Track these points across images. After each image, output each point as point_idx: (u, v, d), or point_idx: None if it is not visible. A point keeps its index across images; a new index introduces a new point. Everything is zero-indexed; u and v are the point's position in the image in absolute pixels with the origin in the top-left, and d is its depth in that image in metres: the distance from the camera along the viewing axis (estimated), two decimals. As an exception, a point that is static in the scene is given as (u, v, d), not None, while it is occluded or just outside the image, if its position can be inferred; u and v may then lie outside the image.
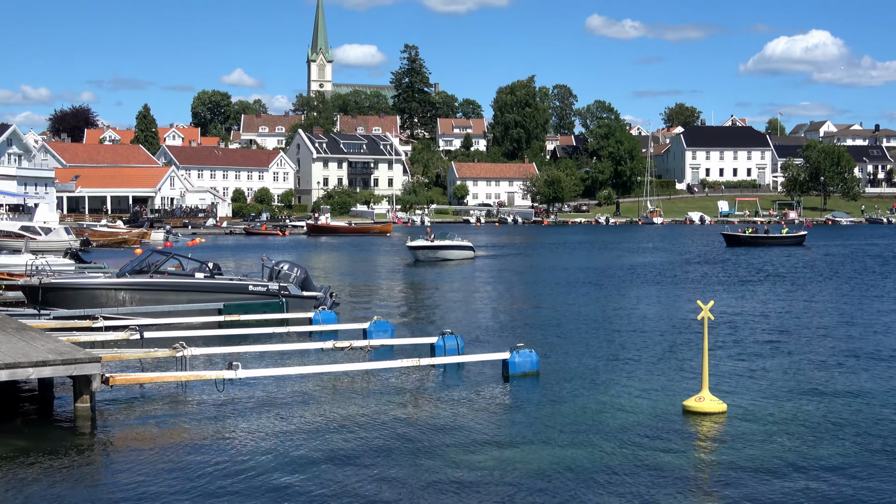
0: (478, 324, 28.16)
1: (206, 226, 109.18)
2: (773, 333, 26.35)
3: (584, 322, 28.74)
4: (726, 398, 17.10)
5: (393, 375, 19.57)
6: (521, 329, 27.02)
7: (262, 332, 24.38)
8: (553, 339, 25.03)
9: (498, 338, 24.98)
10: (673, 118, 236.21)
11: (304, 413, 16.42)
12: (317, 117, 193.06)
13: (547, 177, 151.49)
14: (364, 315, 28.62)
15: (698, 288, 40.48)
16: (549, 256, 63.61)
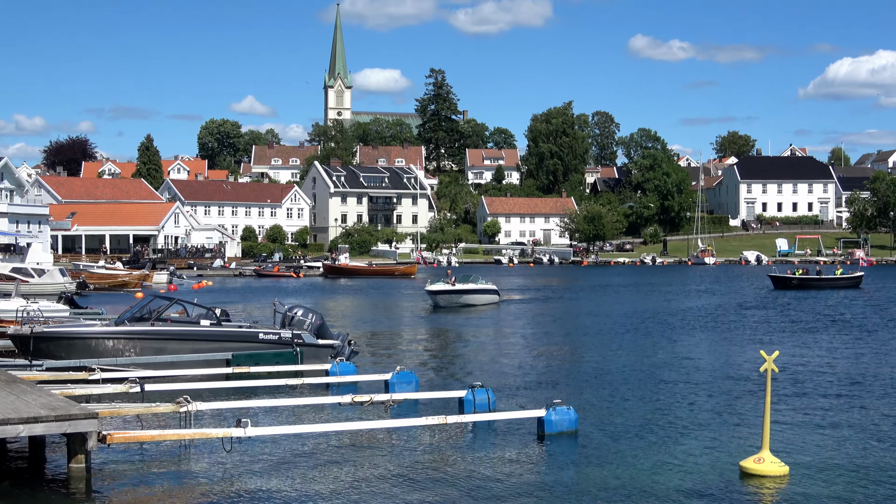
0: (510, 376, 28.01)
1: (213, 267, 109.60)
2: (840, 386, 26.01)
3: (627, 374, 28.50)
4: (788, 459, 16.86)
5: (418, 434, 19.46)
6: (558, 383, 26.83)
7: (273, 385, 24.35)
8: (593, 393, 24.83)
9: (532, 393, 24.82)
10: (726, 148, 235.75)
11: (319, 475, 16.34)
12: (334, 148, 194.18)
13: (586, 212, 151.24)
14: (386, 365, 28.54)
15: (755, 335, 40.11)
16: (590, 300, 63.33)
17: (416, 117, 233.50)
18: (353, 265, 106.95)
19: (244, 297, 67.31)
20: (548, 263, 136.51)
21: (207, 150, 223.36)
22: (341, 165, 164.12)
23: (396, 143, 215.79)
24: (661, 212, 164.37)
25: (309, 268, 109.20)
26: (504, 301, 59.92)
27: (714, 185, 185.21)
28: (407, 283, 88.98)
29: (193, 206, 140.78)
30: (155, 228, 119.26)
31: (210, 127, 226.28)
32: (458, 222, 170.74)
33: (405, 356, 33.30)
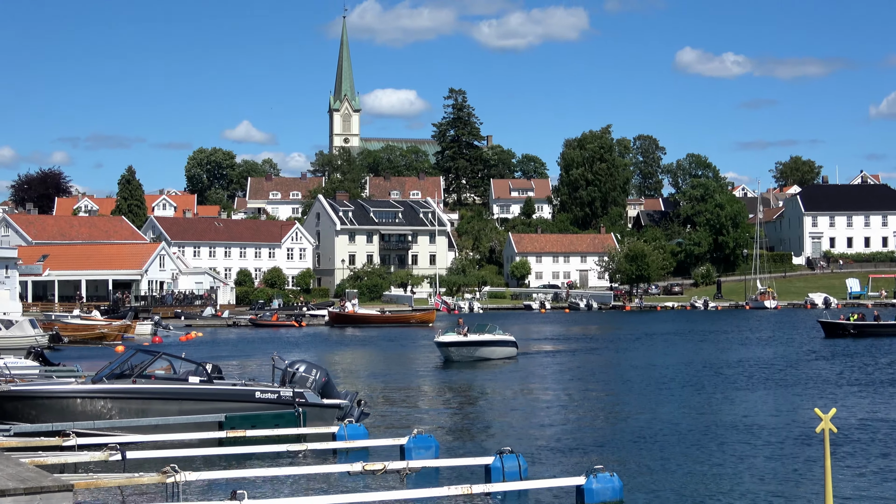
0: (543, 439, 27.92)
1: (203, 316, 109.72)
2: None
3: (677, 435, 28.38)
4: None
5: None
6: (599, 446, 26.73)
7: (273, 451, 24.34)
8: (639, 457, 24.72)
9: (569, 458, 24.72)
10: (787, 175, 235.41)
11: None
12: (341, 180, 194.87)
13: (628, 250, 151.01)
14: (401, 428, 28.50)
15: (807, 391, 39.95)
16: (633, 351, 63.13)
17: (433, 144, 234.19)
18: (363, 313, 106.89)
19: (239, 350, 67.39)
20: (585, 309, 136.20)
21: (197, 183, 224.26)
22: (349, 199, 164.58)
23: (411, 173, 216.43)
24: (713, 249, 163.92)
25: (312, 316, 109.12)
26: (523, 353, 59.34)
27: (774, 219, 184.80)
28: (424, 332, 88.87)
29: (181, 246, 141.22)
30: (137, 272, 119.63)
31: (199, 157, 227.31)
32: (482, 263, 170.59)
33: (423, 417, 33.24)
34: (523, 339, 75.66)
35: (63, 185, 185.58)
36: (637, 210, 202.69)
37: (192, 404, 27.24)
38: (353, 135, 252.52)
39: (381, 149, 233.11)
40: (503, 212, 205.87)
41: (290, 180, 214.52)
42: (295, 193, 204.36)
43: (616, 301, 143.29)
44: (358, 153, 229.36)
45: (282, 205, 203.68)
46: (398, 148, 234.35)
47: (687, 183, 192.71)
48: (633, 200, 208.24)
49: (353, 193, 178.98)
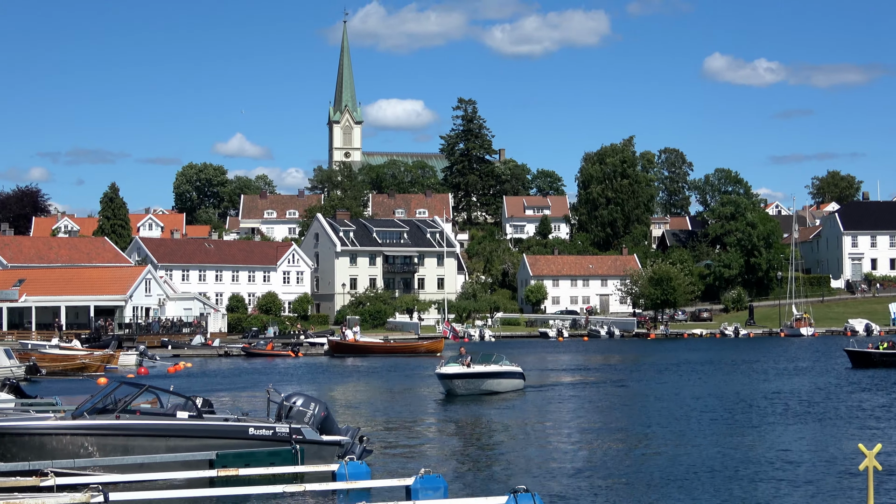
0: (561, 477, 27.83)
1: (192, 345, 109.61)
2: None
3: (708, 473, 28.28)
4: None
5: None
6: (624, 485, 26.64)
7: (268, 492, 24.27)
8: (667, 497, 24.61)
9: (591, 498, 24.63)
10: (825, 191, 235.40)
11: None
12: (341, 197, 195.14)
13: (653, 273, 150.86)
14: (407, 467, 28.43)
15: (857, 424, 39.85)
16: (659, 382, 62.95)
17: (441, 158, 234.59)
18: (365, 341, 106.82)
19: (231, 382, 67.33)
20: (606, 336, 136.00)
21: (185, 201, 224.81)
22: (350, 218, 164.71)
23: (418, 189, 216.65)
24: (745, 271, 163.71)
25: (311, 345, 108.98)
26: (535, 386, 59.09)
27: (811, 238, 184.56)
28: (432, 362, 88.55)
29: (168, 270, 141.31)
30: (121, 298, 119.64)
31: (188, 173, 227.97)
32: (493, 287, 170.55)
33: (430, 455, 33.17)
34: (539, 370, 75.62)
35: (41, 203, 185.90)
36: (662, 229, 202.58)
37: (180, 441, 27.19)
38: (354, 148, 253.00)
39: (384, 163, 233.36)
40: (517, 232, 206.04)
41: (287, 198, 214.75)
42: (292, 212, 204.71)
43: (639, 328, 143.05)
44: (360, 168, 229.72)
45: (277, 224, 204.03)
46: (403, 162, 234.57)
47: (716, 200, 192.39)
48: (657, 219, 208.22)
49: (355, 212, 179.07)
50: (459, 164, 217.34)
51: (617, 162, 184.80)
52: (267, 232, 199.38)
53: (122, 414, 27.44)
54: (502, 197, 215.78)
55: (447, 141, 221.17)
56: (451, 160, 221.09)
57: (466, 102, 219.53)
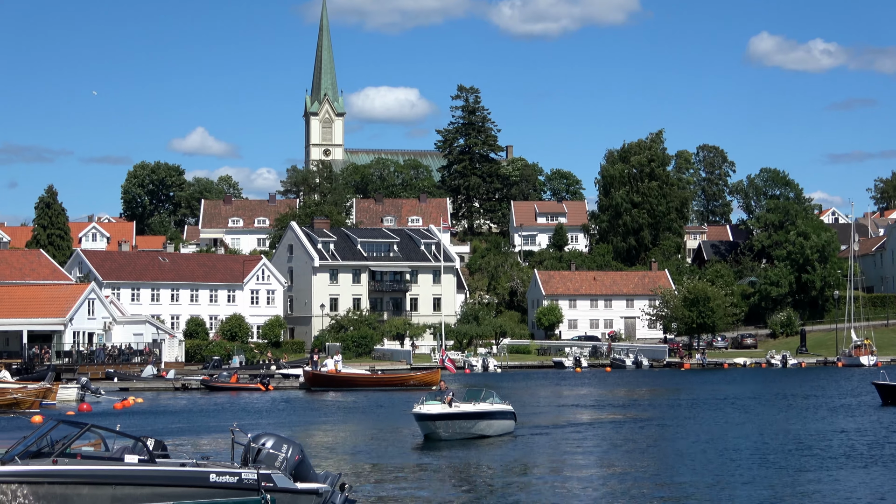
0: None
1: (142, 377, 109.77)
2: None
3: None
4: None
5: None
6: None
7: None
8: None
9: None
10: (889, 196, 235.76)
11: None
12: (320, 202, 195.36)
13: (687, 292, 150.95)
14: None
15: None
16: (695, 420, 63.09)
17: (438, 157, 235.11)
18: (348, 373, 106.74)
19: (189, 420, 67.44)
20: (632, 367, 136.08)
21: (136, 207, 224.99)
22: (330, 227, 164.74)
23: (410, 193, 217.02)
24: (796, 290, 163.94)
25: (284, 377, 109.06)
26: (521, 428, 58.60)
27: (873, 251, 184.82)
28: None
29: (116, 288, 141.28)
30: (59, 322, 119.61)
31: (139, 174, 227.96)
32: (500, 308, 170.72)
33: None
34: (553, 406, 75.76)
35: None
36: (698, 240, 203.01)
37: (128, 490, 27.24)
38: (335, 145, 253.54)
39: (371, 163, 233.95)
40: (527, 243, 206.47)
41: (256, 203, 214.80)
42: (261, 220, 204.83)
43: (671, 357, 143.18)
44: (342, 168, 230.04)
45: (244, 234, 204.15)
46: (393, 161, 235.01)
47: (762, 206, 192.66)
48: (693, 228, 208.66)
49: (336, 220, 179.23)
50: (459, 163, 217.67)
51: (644, 160, 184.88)
52: (232, 243, 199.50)
53: (60, 458, 27.46)
54: (510, 202, 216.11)
55: (445, 136, 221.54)
56: (449, 159, 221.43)
57: (468, 91, 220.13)
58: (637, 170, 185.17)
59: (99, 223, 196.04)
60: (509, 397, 61.69)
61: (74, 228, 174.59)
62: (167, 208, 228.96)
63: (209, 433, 56.77)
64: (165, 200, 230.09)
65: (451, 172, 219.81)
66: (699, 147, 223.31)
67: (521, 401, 78.89)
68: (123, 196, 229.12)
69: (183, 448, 44.42)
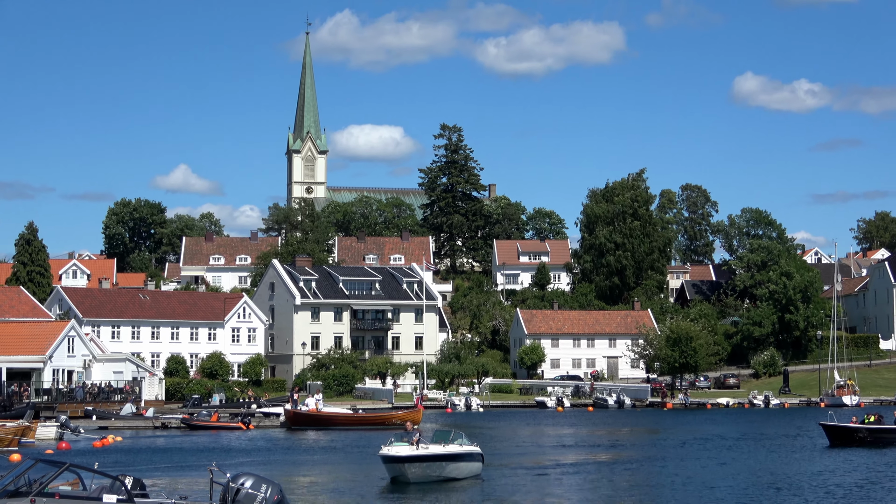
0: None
1: (121, 415, 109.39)
2: None
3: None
4: None
5: None
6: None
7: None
8: None
9: None
10: (873, 236, 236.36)
11: None
12: (302, 240, 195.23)
13: (670, 332, 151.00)
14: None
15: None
16: (679, 461, 63.12)
17: (420, 195, 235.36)
18: (329, 412, 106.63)
19: (168, 459, 67.23)
20: (615, 406, 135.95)
21: (117, 244, 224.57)
22: (312, 266, 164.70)
23: (393, 232, 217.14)
24: (779, 330, 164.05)
25: (264, 415, 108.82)
26: (501, 469, 58.21)
27: (856, 291, 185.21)
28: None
29: (96, 325, 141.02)
30: (39, 359, 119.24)
31: (121, 211, 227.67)
32: (482, 347, 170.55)
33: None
34: (535, 446, 75.73)
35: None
36: (681, 280, 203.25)
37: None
38: (317, 183, 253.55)
39: (353, 200, 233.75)
40: (509, 282, 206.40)
41: (237, 241, 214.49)
42: (243, 258, 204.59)
43: (654, 397, 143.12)
44: (324, 206, 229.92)
45: (226, 272, 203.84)
46: (376, 199, 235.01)
47: (745, 246, 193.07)
48: (675, 268, 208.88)
49: (318, 258, 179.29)
50: (442, 201, 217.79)
51: (627, 200, 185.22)
52: (213, 281, 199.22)
53: (38, 497, 27.40)
54: (492, 241, 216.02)
55: (427, 174, 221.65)
56: (431, 197, 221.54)
57: (451, 129, 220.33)
58: (620, 209, 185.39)
59: (79, 260, 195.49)
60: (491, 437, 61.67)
61: (55, 265, 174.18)
62: (148, 245, 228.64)
63: (188, 472, 56.61)
64: (146, 238, 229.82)
65: (433, 211, 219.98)
66: (682, 186, 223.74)
67: (503, 441, 78.90)
68: (104, 233, 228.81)
69: (161, 487, 44.34)
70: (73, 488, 30.14)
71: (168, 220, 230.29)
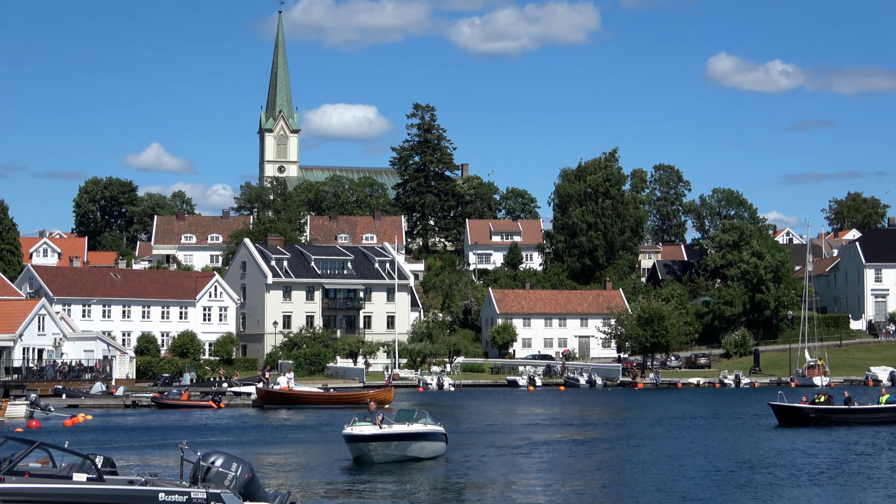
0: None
1: (91, 394, 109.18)
2: None
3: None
4: None
5: None
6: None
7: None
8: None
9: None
10: (845, 216, 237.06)
11: None
12: (273, 219, 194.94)
13: (642, 311, 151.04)
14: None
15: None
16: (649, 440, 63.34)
17: (393, 174, 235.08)
18: (301, 390, 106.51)
19: (138, 438, 67.20)
20: (586, 385, 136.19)
21: (88, 223, 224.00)
22: (283, 245, 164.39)
23: (365, 211, 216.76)
24: (750, 310, 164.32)
25: (235, 394, 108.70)
26: (470, 448, 58.19)
27: (827, 272, 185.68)
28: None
29: (66, 304, 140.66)
30: (9, 338, 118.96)
31: (92, 189, 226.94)
32: (454, 326, 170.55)
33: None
34: (506, 425, 75.92)
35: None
36: (653, 260, 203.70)
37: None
38: (290, 162, 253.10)
39: (325, 180, 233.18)
40: (482, 261, 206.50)
41: (209, 220, 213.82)
42: (214, 236, 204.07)
43: (625, 376, 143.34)
44: (296, 185, 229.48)
45: (197, 251, 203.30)
46: (348, 179, 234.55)
47: (716, 226, 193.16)
48: (647, 248, 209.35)
49: (290, 237, 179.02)
50: (414, 181, 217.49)
51: (600, 180, 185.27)
52: (184, 260, 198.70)
53: (7, 476, 27.37)
54: (465, 220, 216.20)
55: (400, 154, 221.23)
56: (404, 177, 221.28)
57: (424, 109, 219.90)
58: (592, 189, 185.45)
59: (50, 238, 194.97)
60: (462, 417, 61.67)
61: (25, 244, 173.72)
62: (119, 224, 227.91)
63: (159, 451, 56.59)
64: (118, 216, 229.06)
65: (405, 190, 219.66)
66: (655, 166, 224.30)
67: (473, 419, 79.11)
68: (75, 211, 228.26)
69: (132, 466, 44.32)
70: (44, 466, 30.12)
71: (139, 199, 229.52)
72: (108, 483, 28.10)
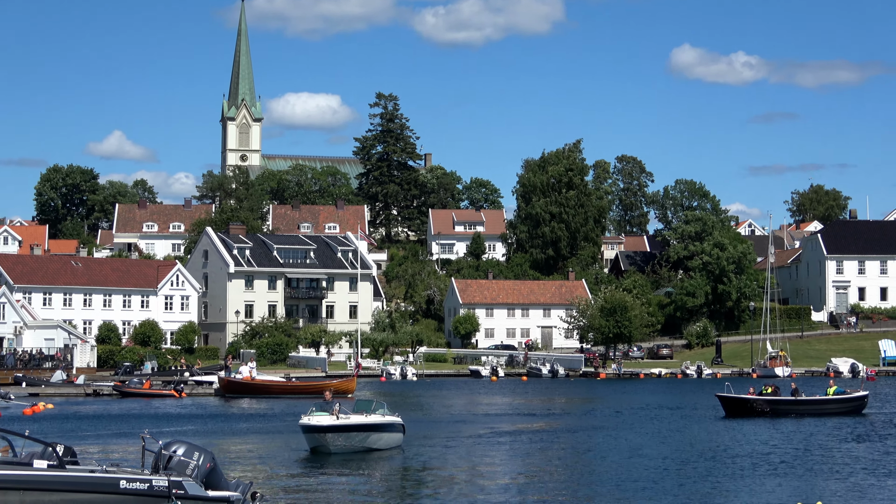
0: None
1: (52, 382, 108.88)
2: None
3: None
4: None
5: None
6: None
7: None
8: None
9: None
10: (807, 208, 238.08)
11: None
12: (236, 208, 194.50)
13: (604, 302, 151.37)
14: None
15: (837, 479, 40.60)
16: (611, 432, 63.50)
17: (356, 164, 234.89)
18: (262, 380, 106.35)
19: (99, 427, 66.96)
20: (548, 376, 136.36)
21: (49, 211, 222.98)
22: (246, 234, 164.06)
23: (327, 200, 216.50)
24: (712, 301, 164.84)
25: (197, 383, 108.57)
26: (420, 438, 58.19)
27: (789, 263, 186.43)
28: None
29: (27, 292, 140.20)
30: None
31: (53, 177, 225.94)
32: (416, 316, 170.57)
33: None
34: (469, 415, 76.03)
35: None
36: (615, 251, 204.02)
37: (37, 496, 27.08)
38: (252, 150, 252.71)
39: (288, 169, 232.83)
40: (445, 251, 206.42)
41: (171, 208, 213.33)
42: (176, 225, 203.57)
43: (587, 367, 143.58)
44: (258, 174, 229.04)
45: (159, 240, 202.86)
46: (310, 168, 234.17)
47: (679, 217, 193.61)
48: (610, 238, 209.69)
49: (252, 226, 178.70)
50: (377, 170, 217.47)
51: (562, 170, 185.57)
52: (146, 248, 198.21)
53: (-34, 464, 27.25)
54: (428, 210, 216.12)
55: (363, 143, 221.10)
56: (367, 166, 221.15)
57: (387, 98, 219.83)
58: (556, 179, 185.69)
59: (11, 226, 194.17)
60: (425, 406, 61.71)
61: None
62: (80, 212, 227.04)
63: (120, 440, 56.44)
64: (79, 204, 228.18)
65: (368, 180, 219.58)
66: (618, 157, 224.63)
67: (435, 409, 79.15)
68: (36, 199, 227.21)
69: (93, 454, 44.19)
70: (4, 454, 30.02)
71: (101, 187, 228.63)
72: (69, 470, 28.02)
